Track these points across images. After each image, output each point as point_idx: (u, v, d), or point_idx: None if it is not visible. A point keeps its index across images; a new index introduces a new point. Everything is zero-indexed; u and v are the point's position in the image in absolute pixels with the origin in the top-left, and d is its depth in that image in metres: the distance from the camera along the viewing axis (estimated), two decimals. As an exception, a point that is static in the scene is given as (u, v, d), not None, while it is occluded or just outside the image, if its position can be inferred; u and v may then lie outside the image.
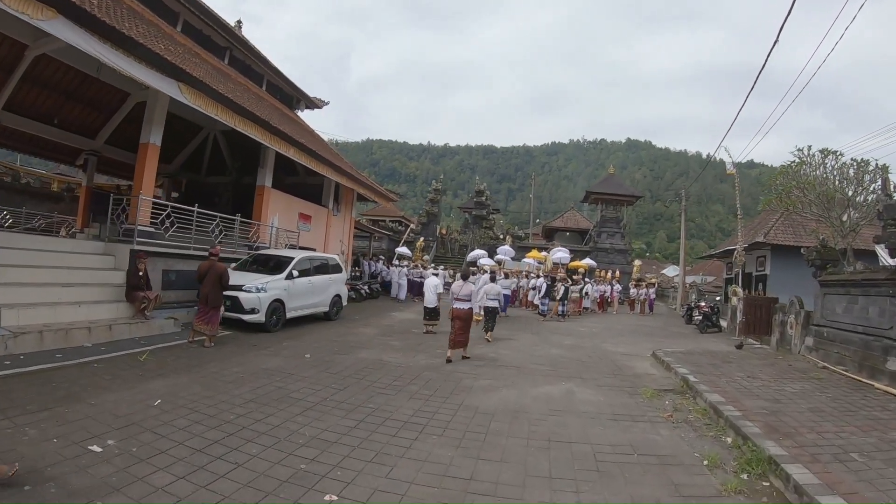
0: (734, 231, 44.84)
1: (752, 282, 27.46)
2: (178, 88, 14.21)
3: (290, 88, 28.44)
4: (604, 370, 12.22)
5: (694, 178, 51.20)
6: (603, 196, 51.12)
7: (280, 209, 22.12)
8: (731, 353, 15.22)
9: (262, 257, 16.53)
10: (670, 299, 45.89)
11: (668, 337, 20.27)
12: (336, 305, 18.08)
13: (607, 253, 48.37)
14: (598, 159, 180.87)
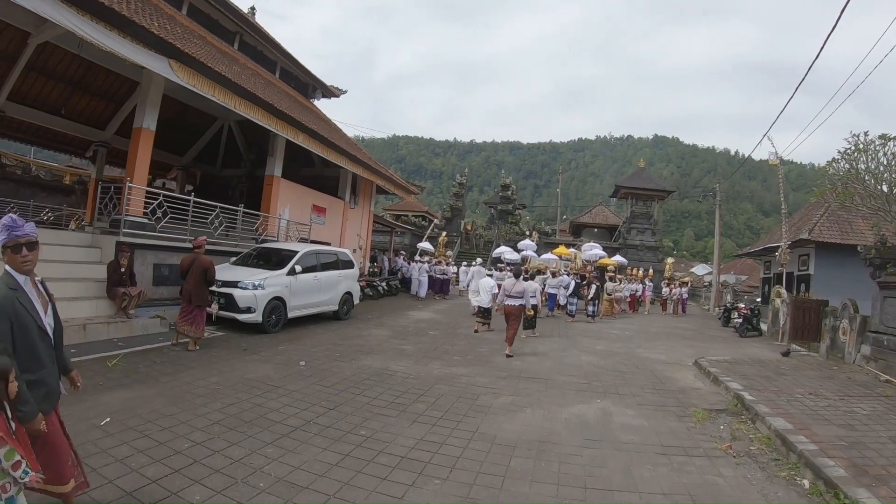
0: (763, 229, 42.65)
1: (793, 282, 25.64)
2: (169, 66, 13.08)
3: (305, 76, 27.17)
4: (643, 383, 10.59)
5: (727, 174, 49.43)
6: (633, 190, 49.31)
7: (291, 201, 20.84)
8: (780, 363, 13.61)
9: (264, 251, 15.11)
10: (702, 299, 44.04)
11: (707, 341, 18.61)
12: (346, 304, 16.59)
13: (637, 250, 46.60)
14: (625, 156, 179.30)
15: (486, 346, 13.55)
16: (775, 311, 20.92)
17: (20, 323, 3.43)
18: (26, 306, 3.50)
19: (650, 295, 31.53)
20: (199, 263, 10.83)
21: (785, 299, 19.83)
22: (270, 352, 10.89)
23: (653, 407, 8.73)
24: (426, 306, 22.82)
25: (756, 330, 21.36)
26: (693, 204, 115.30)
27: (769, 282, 30.89)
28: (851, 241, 23.24)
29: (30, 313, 3.51)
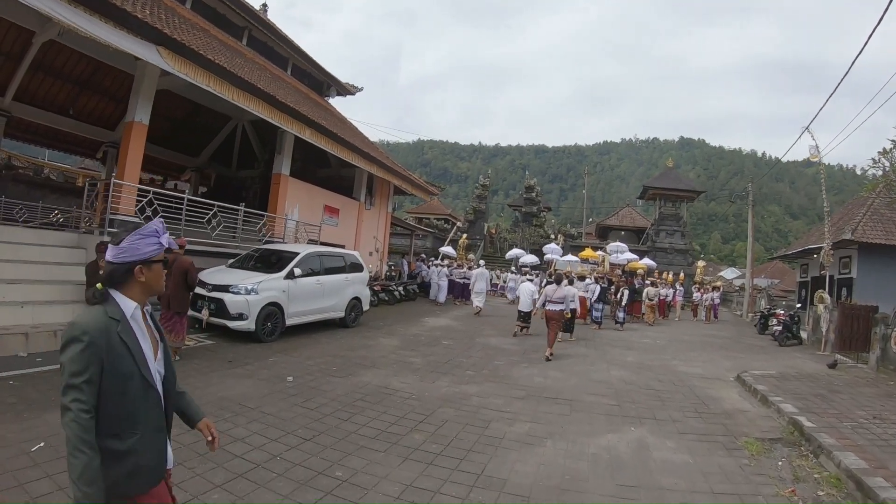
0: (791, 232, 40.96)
1: (833, 286, 24.06)
2: (158, 53, 12.16)
3: (319, 73, 26.23)
4: (683, 404, 9.22)
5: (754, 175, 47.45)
6: (661, 191, 47.79)
7: (301, 200, 19.81)
8: (831, 378, 12.26)
9: (265, 253, 13.92)
10: (734, 304, 42.43)
11: (745, 351, 17.20)
12: (354, 310, 15.29)
13: (666, 253, 45.05)
14: (651, 158, 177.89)
15: (504, 358, 12.23)
16: (816, 318, 19.60)
17: (115, 368, 2.37)
18: (130, 346, 2.44)
19: (681, 300, 30.04)
20: (179, 265, 9.63)
21: (828, 305, 18.49)
22: (258, 364, 9.68)
23: (696, 437, 7.38)
24: (444, 312, 21.44)
25: (796, 338, 20.04)
26: (720, 206, 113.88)
27: (806, 286, 29.31)
28: None
29: (133, 356, 2.45)
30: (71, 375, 2.23)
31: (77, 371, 2.23)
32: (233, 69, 14.16)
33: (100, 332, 2.32)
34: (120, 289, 2.49)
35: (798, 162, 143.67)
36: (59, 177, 31.93)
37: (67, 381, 2.23)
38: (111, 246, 2.49)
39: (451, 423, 7.14)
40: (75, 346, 2.25)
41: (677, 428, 7.72)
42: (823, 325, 18.30)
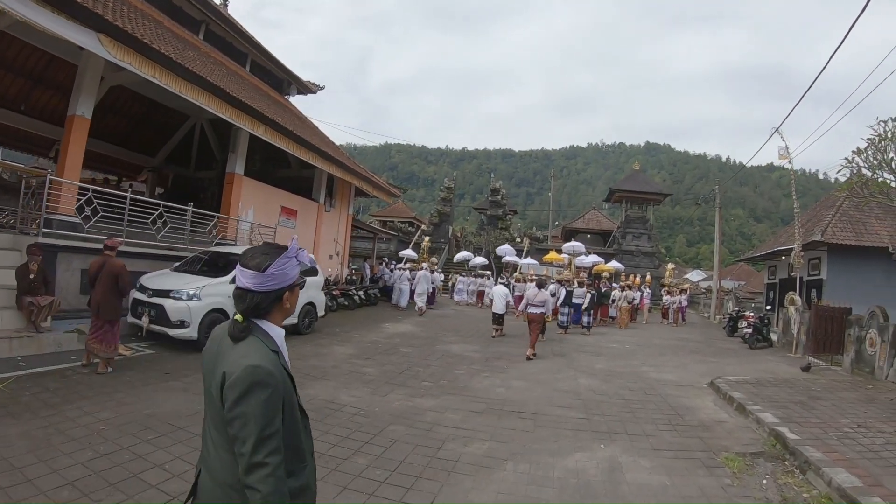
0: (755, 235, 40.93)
1: (803, 287, 23.81)
2: (99, 42, 11.18)
3: (278, 70, 25.31)
4: (656, 416, 8.62)
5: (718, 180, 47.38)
6: (628, 194, 47.52)
7: (257, 201, 18.99)
8: (808, 383, 11.89)
9: (212, 256, 13.01)
10: (701, 306, 42.29)
11: (716, 355, 16.83)
12: (308, 316, 14.48)
13: (633, 256, 44.83)
14: (617, 163, 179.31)
15: (464, 367, 11.56)
16: (787, 320, 19.43)
17: (288, 404, 2.17)
18: (291, 377, 2.28)
19: (648, 303, 29.66)
20: (109, 268, 8.78)
21: (799, 307, 18.22)
22: (196, 376, 8.80)
23: (673, 453, 6.77)
24: (406, 317, 20.69)
25: (766, 340, 19.88)
26: (685, 210, 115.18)
27: (774, 288, 29.21)
28: (866, 243, 21.86)
29: (294, 386, 2.28)
30: (263, 427, 1.96)
31: (270, 420, 1.99)
32: (183, 61, 13.29)
33: (278, 370, 2.11)
34: (266, 317, 2.26)
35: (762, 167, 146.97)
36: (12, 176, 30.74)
37: (259, 433, 1.95)
38: (252, 272, 2.19)
39: (401, 444, 6.42)
40: (262, 393, 2.00)
41: (651, 444, 7.11)
42: (794, 326, 18.13)
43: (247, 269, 2.21)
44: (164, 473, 5.09)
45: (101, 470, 4.96)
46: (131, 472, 5.03)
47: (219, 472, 2.12)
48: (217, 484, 2.12)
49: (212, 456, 2.15)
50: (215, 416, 2.12)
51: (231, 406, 1.98)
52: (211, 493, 2.14)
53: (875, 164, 13.88)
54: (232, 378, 2.00)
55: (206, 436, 2.21)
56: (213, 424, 2.16)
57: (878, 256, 20.81)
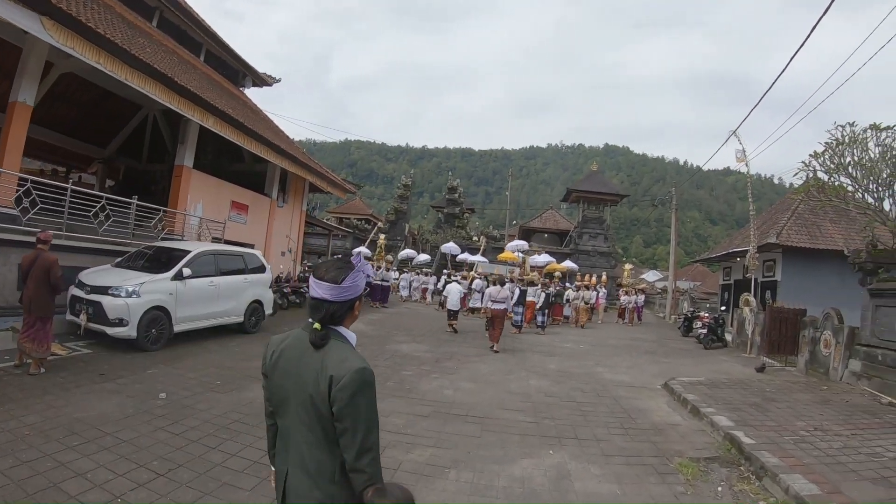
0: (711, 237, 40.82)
1: (758, 289, 24.05)
2: (42, 24, 10.68)
3: (234, 61, 24.58)
4: (608, 419, 8.44)
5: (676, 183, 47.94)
6: (585, 194, 47.82)
7: (206, 195, 18.45)
8: (763, 384, 11.85)
9: (156, 252, 12.47)
10: (657, 306, 42.65)
11: (671, 355, 16.88)
12: (255, 315, 14.06)
13: (589, 255, 45.10)
14: (576, 164, 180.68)
15: (413, 368, 11.28)
16: (741, 321, 19.60)
17: None
18: None
19: (604, 303, 29.72)
20: (42, 262, 8.30)
21: (754, 308, 18.36)
22: (132, 378, 8.43)
23: (624, 459, 6.58)
24: (359, 316, 20.25)
25: (721, 341, 20.06)
26: (642, 211, 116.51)
27: (729, 288, 29.65)
28: (821, 245, 22.37)
29: None
30: (371, 419, 2.20)
31: (375, 413, 2.24)
32: (130, 48, 12.77)
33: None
34: (341, 323, 2.45)
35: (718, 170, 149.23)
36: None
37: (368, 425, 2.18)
38: (329, 284, 2.37)
39: (340, 451, 6.08)
40: (370, 391, 2.24)
41: (602, 449, 6.91)
42: (749, 327, 18.30)
43: (323, 282, 2.37)
44: (84, 483, 4.75)
45: (21, 479, 4.65)
46: (51, 482, 4.70)
47: (314, 469, 2.25)
48: (312, 480, 2.25)
49: (305, 455, 2.27)
50: (307, 417, 2.26)
51: (345, 405, 2.15)
52: (307, 490, 2.26)
53: (832, 168, 13.98)
54: (343, 380, 2.16)
55: (293, 438, 2.34)
56: (304, 426, 2.28)
57: (831, 259, 21.12)
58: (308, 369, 2.28)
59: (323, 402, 2.20)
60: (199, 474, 5.14)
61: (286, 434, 2.39)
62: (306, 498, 2.25)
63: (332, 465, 2.22)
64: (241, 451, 5.79)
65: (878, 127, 13.22)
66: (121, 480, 4.86)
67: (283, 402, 2.38)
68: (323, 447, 2.24)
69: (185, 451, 5.67)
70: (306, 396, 2.25)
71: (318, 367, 2.24)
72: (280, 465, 2.40)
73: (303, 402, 2.27)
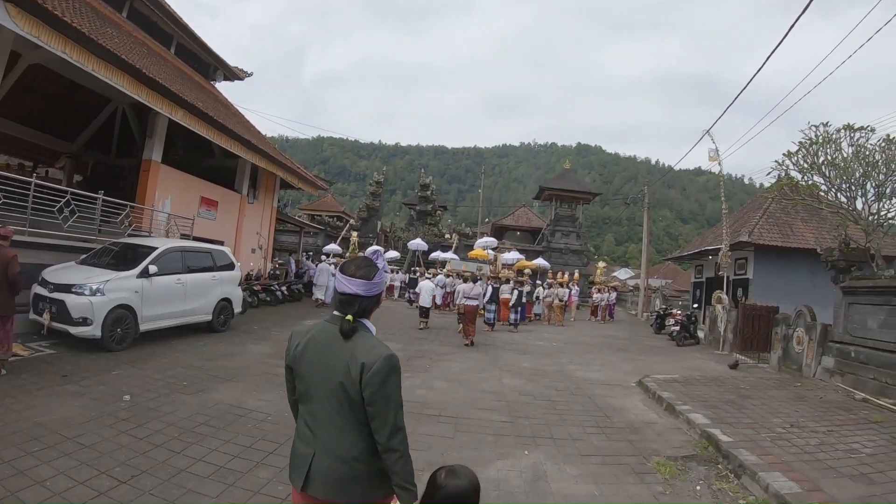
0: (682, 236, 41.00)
1: (730, 286, 24.27)
2: (6, 11, 10.29)
3: (205, 54, 24.09)
4: (583, 418, 8.37)
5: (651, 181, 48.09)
6: (558, 192, 47.89)
7: (176, 191, 18.07)
8: (737, 381, 11.98)
9: (122, 248, 12.09)
10: (629, 304, 42.86)
11: (644, 353, 16.89)
12: (223, 313, 13.72)
13: (562, 253, 45.24)
14: (549, 162, 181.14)
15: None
16: (713, 318, 19.76)
17: None
18: None
19: (577, 300, 29.75)
20: (0, 259, 7.98)
21: (726, 305, 18.55)
22: (96, 379, 8.14)
23: (601, 459, 6.51)
24: (329, 314, 19.93)
25: (693, 338, 20.18)
26: (614, 210, 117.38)
27: (701, 286, 29.92)
28: (792, 244, 22.70)
29: None
30: (399, 401, 2.51)
31: (401, 396, 2.53)
32: (98, 38, 12.35)
33: None
34: (368, 316, 2.72)
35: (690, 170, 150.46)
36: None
37: (397, 407, 2.49)
38: (361, 281, 2.63)
39: (310, 453, 5.90)
40: (397, 375, 2.51)
41: (578, 449, 6.83)
42: (721, 324, 18.46)
43: (355, 279, 2.63)
44: (43, 492, 4.53)
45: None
46: (8, 491, 4.49)
47: (342, 450, 2.50)
48: (339, 460, 2.50)
49: (334, 439, 2.51)
50: (337, 402, 2.50)
51: (376, 389, 2.42)
52: (332, 470, 2.50)
53: (806, 168, 14.10)
54: (374, 367, 2.42)
55: (321, 423, 2.56)
56: (333, 411, 2.51)
57: (802, 257, 21.64)
58: (337, 358, 2.51)
59: (354, 387, 2.45)
60: (163, 481, 4.93)
61: (312, 420, 2.60)
62: (336, 476, 2.51)
63: (359, 447, 2.50)
64: (207, 456, 5.59)
65: (852, 127, 13.39)
66: (81, 489, 4.64)
67: (310, 389, 2.60)
68: (352, 430, 2.51)
69: (149, 456, 5.46)
70: (336, 384, 2.49)
71: (348, 356, 2.48)
72: (304, 449, 2.59)
73: (332, 389, 2.51)
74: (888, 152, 13.05)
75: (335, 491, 2.50)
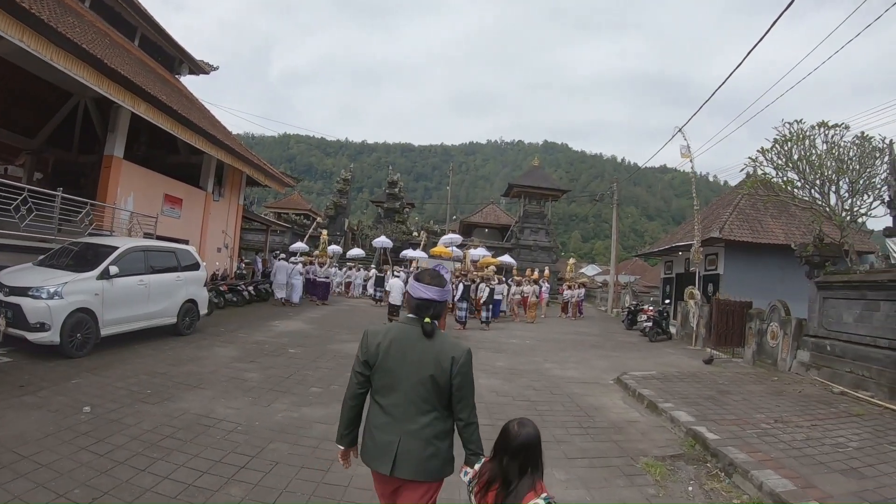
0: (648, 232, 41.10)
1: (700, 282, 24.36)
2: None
3: (170, 47, 23.50)
4: (565, 418, 8.19)
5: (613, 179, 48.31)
6: (527, 189, 47.85)
7: (138, 188, 17.54)
8: (714, 376, 12.00)
9: (82, 248, 11.50)
10: (598, 300, 42.94)
11: (618, 349, 16.83)
12: (188, 315, 13.19)
13: (531, 250, 45.21)
14: (516, 160, 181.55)
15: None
16: (685, 313, 19.98)
17: None
18: None
19: (547, 297, 29.62)
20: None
21: (698, 301, 18.59)
22: (55, 389, 7.68)
23: (588, 461, 6.33)
24: (298, 314, 19.68)
25: (665, 333, 20.30)
26: (580, 207, 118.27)
27: (671, 282, 29.93)
28: (763, 240, 22.91)
29: None
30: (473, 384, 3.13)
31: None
32: (57, 26, 11.81)
33: None
34: (439, 319, 3.16)
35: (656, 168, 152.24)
36: None
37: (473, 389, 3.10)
38: (437, 289, 3.14)
39: (283, 466, 5.58)
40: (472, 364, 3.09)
41: (564, 451, 6.60)
42: (693, 320, 18.54)
43: (432, 287, 3.10)
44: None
45: None
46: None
47: (426, 432, 2.94)
48: (422, 441, 2.93)
49: (419, 423, 2.93)
50: (424, 391, 2.94)
51: (464, 376, 2.96)
52: (418, 451, 2.92)
53: (780, 164, 14.15)
54: (462, 359, 2.96)
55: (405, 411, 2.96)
56: (419, 399, 2.95)
57: (772, 253, 21.97)
58: (426, 354, 2.96)
59: (444, 377, 2.93)
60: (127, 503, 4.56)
61: (395, 409, 2.98)
62: (420, 456, 2.91)
63: (438, 428, 2.97)
64: (174, 473, 5.19)
65: (826, 125, 13.51)
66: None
67: (396, 382, 2.98)
68: (434, 415, 2.97)
69: (112, 475, 5.05)
70: (426, 376, 2.93)
71: (437, 351, 2.96)
72: (388, 437, 2.96)
73: (421, 381, 2.94)
74: (861, 149, 13.11)
75: (421, 470, 2.91)
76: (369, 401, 3.15)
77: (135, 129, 17.26)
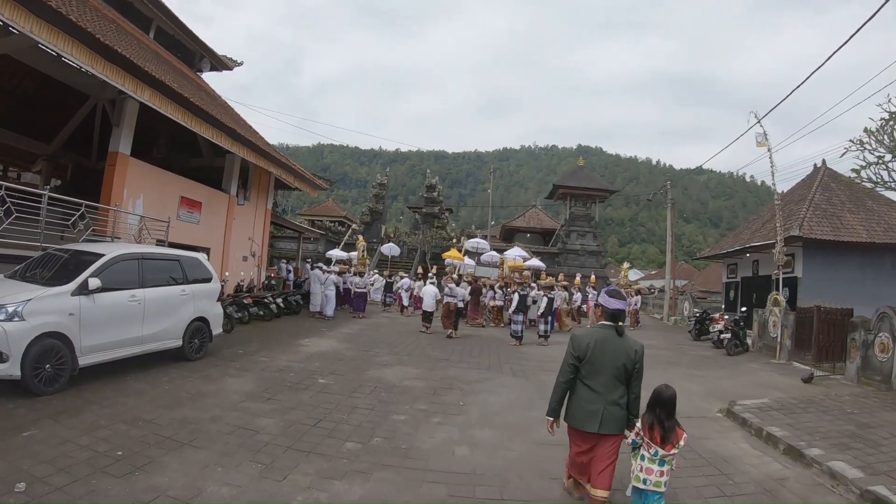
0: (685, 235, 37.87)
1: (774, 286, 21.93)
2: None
3: (189, 41, 21.48)
4: (693, 477, 6.06)
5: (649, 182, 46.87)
6: (572, 190, 45.57)
7: (149, 189, 15.58)
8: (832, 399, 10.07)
9: (69, 256, 9.25)
10: (650, 307, 40.30)
11: (698, 365, 14.64)
12: (198, 336, 10.85)
13: (578, 255, 42.96)
14: (550, 165, 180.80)
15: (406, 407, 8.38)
16: (762, 322, 17.91)
17: None
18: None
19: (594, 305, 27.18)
20: None
21: (784, 308, 16.74)
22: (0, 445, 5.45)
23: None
24: (332, 329, 17.30)
25: (743, 345, 18.01)
26: (616, 211, 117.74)
27: (735, 287, 27.60)
28: (844, 237, 20.52)
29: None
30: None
31: None
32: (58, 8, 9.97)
33: None
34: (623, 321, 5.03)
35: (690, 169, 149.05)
36: None
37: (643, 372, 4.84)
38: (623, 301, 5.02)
39: None
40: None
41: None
42: (775, 329, 16.64)
43: (620, 300, 4.92)
44: None
45: None
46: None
47: (621, 401, 4.68)
48: (618, 406, 4.67)
49: (615, 395, 4.65)
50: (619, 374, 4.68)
51: (640, 363, 4.75)
52: (615, 413, 4.64)
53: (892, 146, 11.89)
54: (640, 351, 4.78)
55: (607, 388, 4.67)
56: (616, 380, 4.68)
57: (850, 251, 20.37)
58: (620, 350, 4.72)
59: (630, 364, 4.69)
60: None
61: (599, 386, 4.68)
62: (617, 417, 4.65)
63: (625, 398, 4.71)
64: None
65: None
66: None
67: (600, 369, 4.70)
68: (622, 389, 4.72)
69: None
70: (620, 364, 4.67)
71: (626, 347, 4.74)
72: (594, 406, 4.65)
73: (617, 367, 4.66)
74: None
75: (616, 426, 4.64)
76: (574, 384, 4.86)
77: (155, 132, 15.21)
